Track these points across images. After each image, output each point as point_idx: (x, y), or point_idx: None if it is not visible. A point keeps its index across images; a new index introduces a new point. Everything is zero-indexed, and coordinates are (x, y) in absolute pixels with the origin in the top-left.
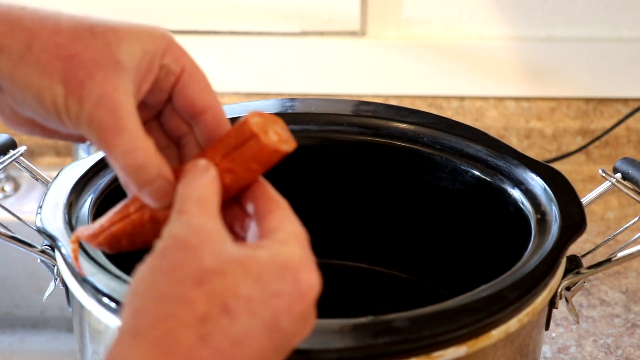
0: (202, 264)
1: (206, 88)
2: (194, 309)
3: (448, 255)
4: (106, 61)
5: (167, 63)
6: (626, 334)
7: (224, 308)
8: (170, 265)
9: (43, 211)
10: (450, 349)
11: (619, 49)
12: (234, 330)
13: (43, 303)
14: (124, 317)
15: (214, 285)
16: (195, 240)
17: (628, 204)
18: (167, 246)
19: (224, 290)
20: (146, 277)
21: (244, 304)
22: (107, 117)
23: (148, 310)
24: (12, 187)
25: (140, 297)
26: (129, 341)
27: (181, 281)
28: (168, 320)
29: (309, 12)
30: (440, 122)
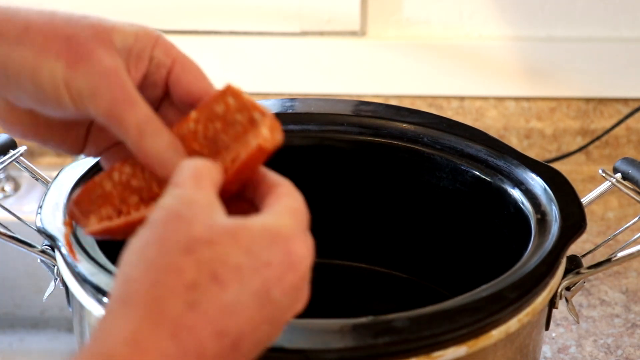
0: (191, 233)
1: (200, 76)
2: (183, 276)
3: (448, 255)
4: (103, 40)
5: (157, 55)
6: (626, 334)
7: (213, 276)
8: (160, 236)
9: (43, 211)
10: (450, 349)
11: (619, 49)
12: (224, 298)
13: (43, 303)
14: (115, 287)
15: (202, 253)
16: (186, 212)
17: (628, 204)
18: (159, 218)
19: (213, 259)
20: (137, 247)
21: (234, 272)
22: (117, 89)
23: (137, 278)
24: (12, 187)
25: (130, 266)
26: (118, 308)
27: (170, 250)
28: (157, 287)
29: (309, 12)
30: (440, 122)
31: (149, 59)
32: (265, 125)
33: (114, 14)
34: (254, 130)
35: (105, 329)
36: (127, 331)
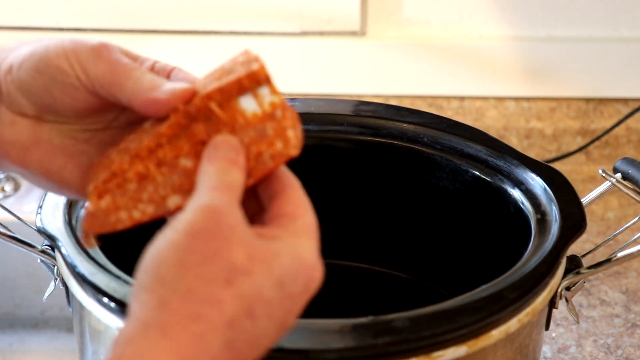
0: (231, 260)
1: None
2: (224, 312)
3: (448, 255)
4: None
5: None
6: (626, 334)
7: (249, 312)
8: (200, 256)
9: (43, 211)
10: (450, 349)
11: (619, 49)
12: (254, 334)
13: (43, 303)
14: (147, 301)
15: (242, 286)
16: (225, 228)
17: (628, 204)
18: (196, 229)
19: (250, 293)
20: (172, 261)
21: (266, 308)
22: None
23: (177, 306)
24: (12, 187)
25: (167, 286)
26: (158, 339)
27: (212, 279)
28: (198, 322)
29: (309, 12)
30: (440, 122)
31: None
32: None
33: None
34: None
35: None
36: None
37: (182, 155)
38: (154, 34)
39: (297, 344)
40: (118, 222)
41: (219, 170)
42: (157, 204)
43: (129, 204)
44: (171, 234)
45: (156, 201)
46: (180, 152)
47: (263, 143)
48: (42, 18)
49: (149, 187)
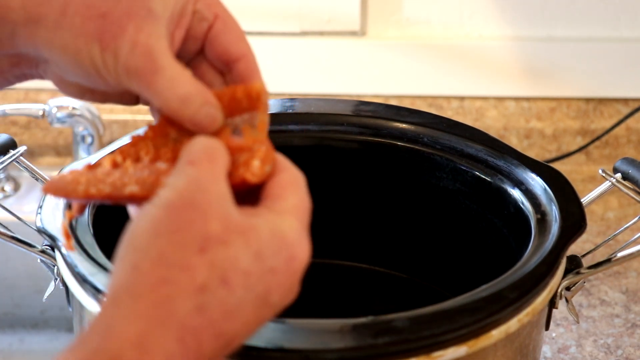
0: (207, 229)
1: (240, 36)
2: (195, 277)
3: (448, 255)
4: (138, 12)
5: (200, 9)
6: (626, 334)
7: (222, 279)
8: (174, 226)
9: (43, 211)
10: (450, 349)
11: (619, 49)
12: (229, 302)
13: (43, 303)
14: (119, 269)
15: (216, 254)
16: (202, 200)
17: (628, 204)
18: (173, 202)
19: (225, 261)
20: (146, 231)
21: (242, 278)
22: (142, 61)
23: (147, 270)
24: (12, 187)
25: (139, 252)
26: (126, 301)
27: (184, 245)
28: (167, 285)
29: (309, 12)
30: (440, 122)
31: (192, 13)
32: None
33: None
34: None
35: (111, 323)
36: (134, 332)
37: (162, 160)
38: None
39: (297, 344)
40: (72, 193)
41: (200, 143)
42: (114, 188)
43: (92, 181)
44: (149, 208)
45: (116, 186)
46: (161, 158)
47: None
48: None
49: (116, 174)
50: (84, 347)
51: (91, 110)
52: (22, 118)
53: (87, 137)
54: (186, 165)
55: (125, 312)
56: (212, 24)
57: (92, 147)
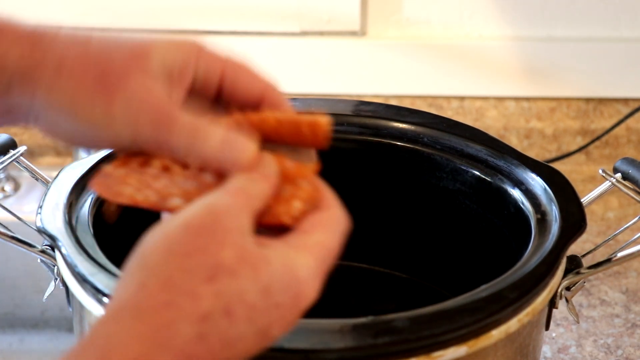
0: (219, 257)
1: (253, 74)
2: (199, 305)
3: (448, 255)
4: (135, 72)
5: (202, 68)
6: (626, 334)
7: (226, 311)
8: (188, 249)
9: (43, 211)
10: (450, 349)
11: (619, 49)
12: (230, 334)
13: (43, 303)
14: (127, 283)
15: (223, 285)
16: (221, 228)
17: (628, 204)
18: (193, 224)
19: (231, 293)
20: (160, 249)
21: (246, 311)
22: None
23: (153, 291)
24: (12, 187)
25: (149, 270)
26: (129, 319)
27: (194, 272)
28: (171, 309)
29: (309, 12)
30: (440, 122)
31: (194, 74)
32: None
33: (115, 14)
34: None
35: (111, 341)
36: (134, 353)
37: (210, 171)
38: (154, 34)
39: (297, 344)
40: (119, 195)
41: (245, 178)
42: (161, 197)
43: (139, 185)
44: (167, 224)
45: (162, 194)
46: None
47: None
48: (42, 18)
49: (164, 180)
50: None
51: None
52: None
53: None
54: (223, 191)
55: (126, 331)
56: (222, 78)
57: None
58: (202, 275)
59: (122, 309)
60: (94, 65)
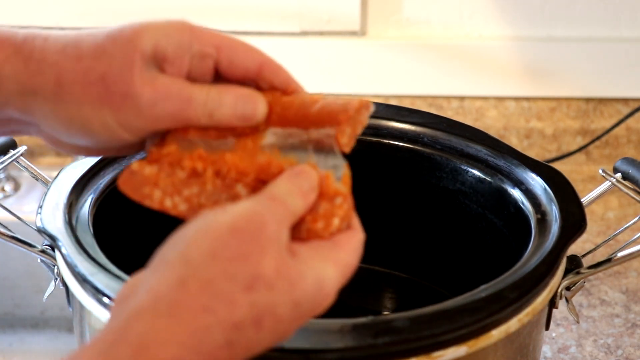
0: (259, 268)
1: (249, 49)
2: (234, 313)
3: (448, 255)
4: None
5: (197, 49)
6: (626, 334)
7: (257, 321)
8: (232, 254)
9: (43, 211)
10: (450, 349)
11: (619, 49)
12: (254, 342)
13: (43, 303)
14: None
15: (259, 296)
16: (264, 238)
17: (628, 204)
18: (241, 227)
19: (265, 305)
20: (205, 248)
21: (274, 323)
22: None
23: (193, 292)
24: (12, 187)
25: (190, 270)
26: (166, 318)
27: (235, 279)
28: (208, 315)
29: (309, 12)
30: (440, 122)
31: (190, 56)
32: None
33: (115, 14)
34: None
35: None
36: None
37: (242, 182)
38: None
39: (297, 344)
40: (147, 198)
41: (286, 190)
42: (191, 207)
43: (169, 189)
44: (213, 221)
45: (192, 204)
46: (243, 179)
47: (310, 214)
48: (42, 18)
49: (194, 187)
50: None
51: None
52: None
53: None
54: (266, 197)
55: (162, 331)
56: (218, 56)
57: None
58: (241, 283)
59: (159, 303)
60: (92, 70)
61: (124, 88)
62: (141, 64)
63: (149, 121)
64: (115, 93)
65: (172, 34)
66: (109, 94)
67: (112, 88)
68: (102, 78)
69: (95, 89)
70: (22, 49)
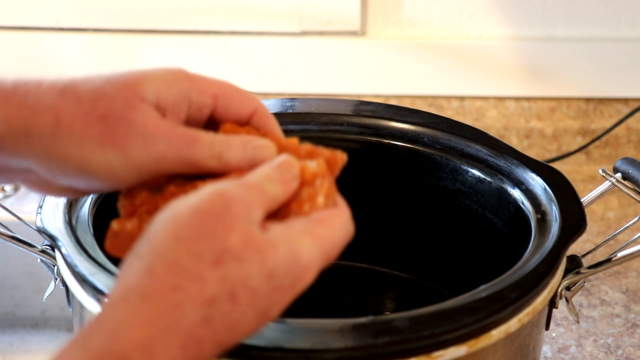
0: (226, 241)
1: (243, 98)
2: (205, 289)
3: (448, 255)
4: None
5: (195, 98)
6: (626, 334)
7: (231, 295)
8: (197, 232)
9: (43, 211)
10: (450, 349)
11: (619, 49)
12: (233, 317)
13: (43, 303)
14: (134, 267)
15: (229, 270)
16: (229, 215)
17: (628, 204)
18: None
19: (236, 278)
20: (168, 232)
21: (250, 295)
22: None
23: (161, 275)
24: (12, 187)
25: (156, 254)
26: (137, 303)
27: (201, 257)
28: (178, 294)
29: (309, 12)
30: (440, 122)
31: (188, 104)
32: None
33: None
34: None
35: (118, 324)
36: (141, 336)
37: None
38: (154, 34)
39: (297, 344)
40: None
41: (263, 176)
42: None
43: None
44: (177, 207)
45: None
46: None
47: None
48: (42, 18)
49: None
50: (90, 345)
51: None
52: None
53: None
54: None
55: (134, 315)
56: (214, 105)
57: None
58: (209, 259)
59: (130, 291)
60: (92, 111)
61: (127, 127)
62: (142, 103)
63: (151, 157)
64: (118, 132)
65: (173, 84)
66: (112, 133)
67: (115, 127)
68: (103, 118)
69: (97, 130)
70: (13, 95)
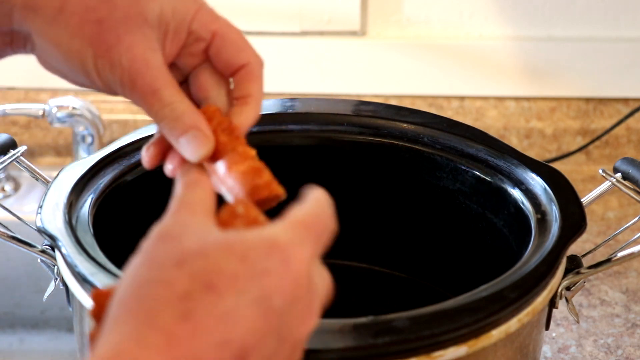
0: (182, 247)
1: (241, 47)
2: (175, 288)
3: (448, 255)
4: (135, 20)
5: (196, 29)
6: (626, 334)
7: (207, 285)
8: (150, 255)
9: (43, 211)
10: (450, 349)
11: (619, 49)
12: (221, 307)
13: (43, 303)
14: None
15: (194, 265)
16: (176, 231)
17: (628, 204)
18: (149, 242)
19: (206, 269)
20: (127, 273)
21: (229, 281)
22: (141, 80)
23: (127, 298)
24: (12, 187)
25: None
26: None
27: (161, 265)
28: (146, 301)
29: (309, 12)
30: (440, 122)
31: (187, 33)
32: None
33: None
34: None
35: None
36: (109, 344)
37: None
38: None
39: None
40: None
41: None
42: None
43: None
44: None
45: None
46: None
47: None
48: None
49: None
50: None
51: (91, 110)
52: (22, 118)
53: (87, 137)
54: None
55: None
56: (211, 42)
57: (92, 147)
58: (170, 264)
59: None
60: (93, 10)
61: (114, 40)
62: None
63: (118, 81)
64: (104, 40)
65: (178, 10)
66: (99, 38)
67: (104, 34)
68: (99, 21)
69: (89, 28)
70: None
